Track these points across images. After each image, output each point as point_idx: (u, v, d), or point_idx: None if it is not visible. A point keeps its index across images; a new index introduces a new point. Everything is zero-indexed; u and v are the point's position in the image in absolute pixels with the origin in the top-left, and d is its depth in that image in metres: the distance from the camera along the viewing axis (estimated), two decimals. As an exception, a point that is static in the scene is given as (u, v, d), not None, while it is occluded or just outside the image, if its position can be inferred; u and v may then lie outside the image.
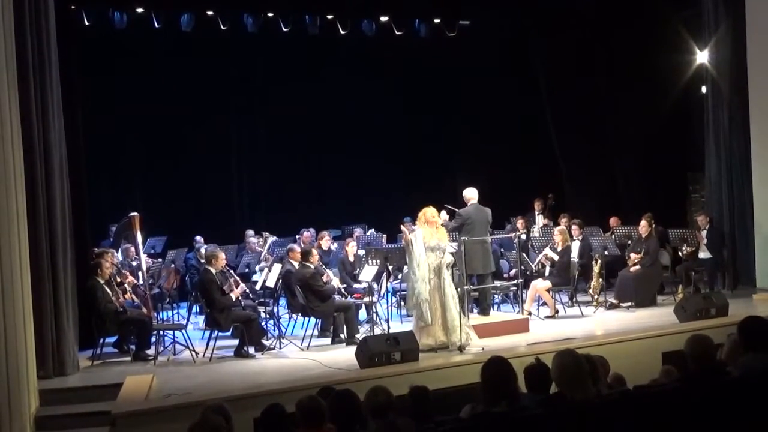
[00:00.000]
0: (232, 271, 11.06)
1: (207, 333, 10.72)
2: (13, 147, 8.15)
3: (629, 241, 13.10)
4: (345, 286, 11.75)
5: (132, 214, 11.41)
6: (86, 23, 13.85)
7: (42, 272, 9.01)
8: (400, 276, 12.08)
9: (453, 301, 9.88)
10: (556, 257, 12.24)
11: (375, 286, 11.50)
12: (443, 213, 11.03)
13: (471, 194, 11.42)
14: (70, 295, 9.65)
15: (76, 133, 10.73)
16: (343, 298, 11.28)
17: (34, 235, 8.86)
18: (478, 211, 11.26)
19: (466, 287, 10.39)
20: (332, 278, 11.31)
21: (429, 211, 10.12)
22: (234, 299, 10.42)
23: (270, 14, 15.39)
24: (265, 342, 10.59)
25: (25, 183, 8.71)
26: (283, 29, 15.49)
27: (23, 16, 8.81)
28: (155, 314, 11.40)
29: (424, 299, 9.77)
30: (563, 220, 14.09)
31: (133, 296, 11.06)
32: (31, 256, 8.71)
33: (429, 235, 9.96)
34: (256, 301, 11.64)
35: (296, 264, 11.34)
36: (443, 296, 9.87)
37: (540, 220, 15.81)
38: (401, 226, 11.37)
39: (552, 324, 11.49)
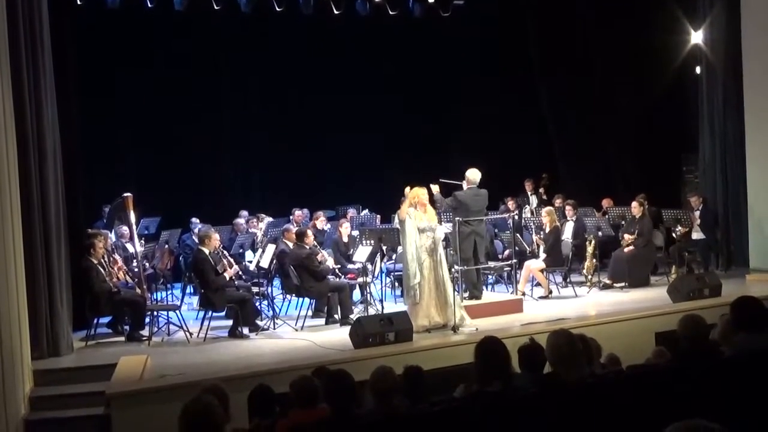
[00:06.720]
0: (225, 252, 11.06)
1: (201, 313, 10.72)
2: (6, 130, 8.11)
3: (623, 222, 13.12)
4: (339, 266, 11.75)
5: (125, 194, 11.38)
6: (78, 2, 13.72)
7: (35, 253, 8.99)
8: (394, 256, 12.06)
9: (448, 280, 9.88)
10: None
11: (369, 266, 11.50)
12: (435, 187, 10.61)
13: (473, 176, 10.95)
14: (64, 276, 9.63)
15: (70, 113, 10.68)
16: (337, 279, 11.28)
17: (27, 217, 8.84)
18: (475, 199, 10.90)
19: (459, 268, 10.39)
20: (327, 259, 11.29)
21: (417, 192, 10.00)
22: (227, 279, 10.42)
23: (263, -7, 15.27)
24: (259, 322, 10.60)
25: (18, 166, 8.67)
26: (277, 9, 15.38)
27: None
28: (149, 295, 11.40)
29: (417, 279, 9.77)
30: (557, 201, 14.12)
31: (127, 277, 11.05)
32: (24, 237, 8.70)
33: (419, 217, 9.93)
34: (250, 282, 11.64)
35: (291, 244, 11.33)
36: (437, 275, 9.87)
37: (534, 200, 15.81)
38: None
39: (546, 304, 11.51)
